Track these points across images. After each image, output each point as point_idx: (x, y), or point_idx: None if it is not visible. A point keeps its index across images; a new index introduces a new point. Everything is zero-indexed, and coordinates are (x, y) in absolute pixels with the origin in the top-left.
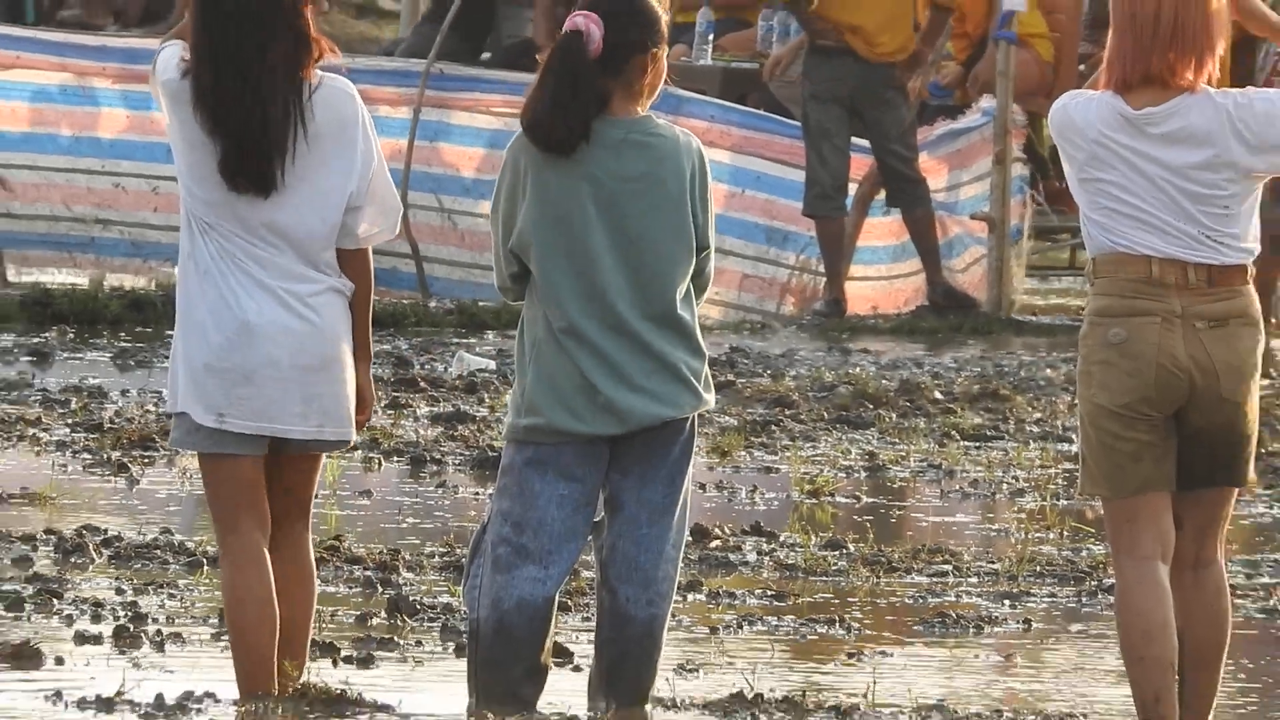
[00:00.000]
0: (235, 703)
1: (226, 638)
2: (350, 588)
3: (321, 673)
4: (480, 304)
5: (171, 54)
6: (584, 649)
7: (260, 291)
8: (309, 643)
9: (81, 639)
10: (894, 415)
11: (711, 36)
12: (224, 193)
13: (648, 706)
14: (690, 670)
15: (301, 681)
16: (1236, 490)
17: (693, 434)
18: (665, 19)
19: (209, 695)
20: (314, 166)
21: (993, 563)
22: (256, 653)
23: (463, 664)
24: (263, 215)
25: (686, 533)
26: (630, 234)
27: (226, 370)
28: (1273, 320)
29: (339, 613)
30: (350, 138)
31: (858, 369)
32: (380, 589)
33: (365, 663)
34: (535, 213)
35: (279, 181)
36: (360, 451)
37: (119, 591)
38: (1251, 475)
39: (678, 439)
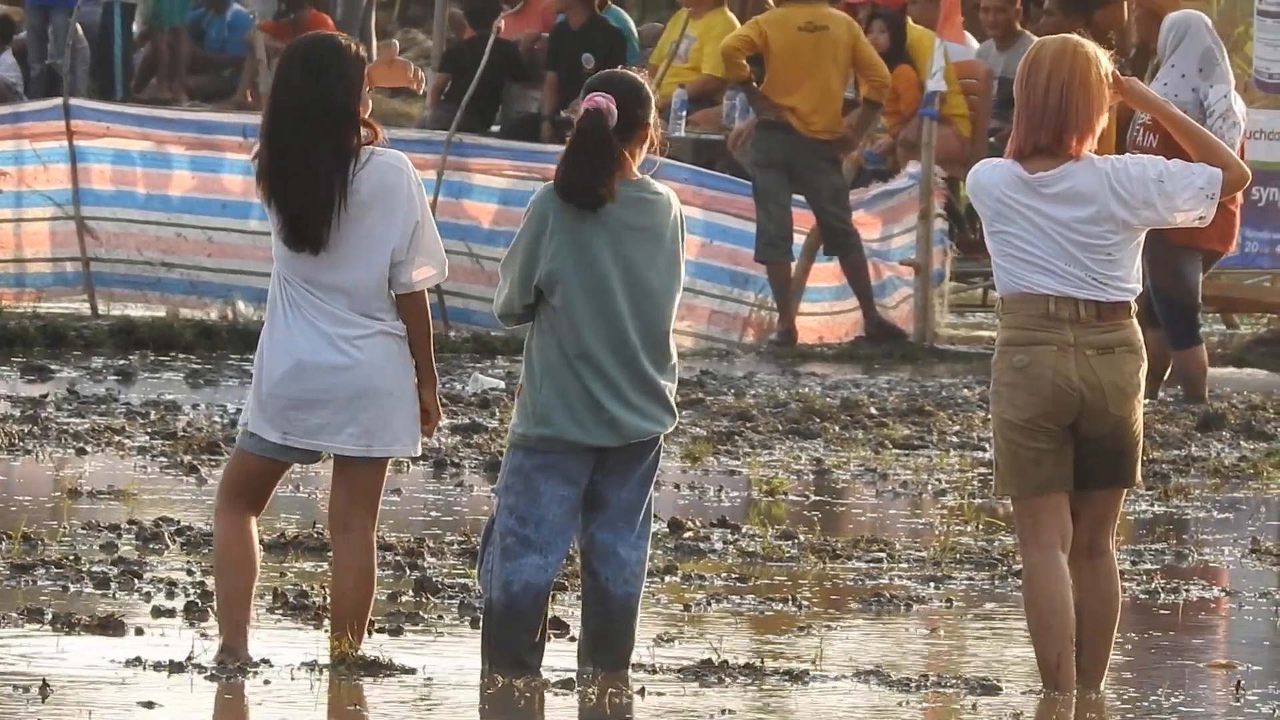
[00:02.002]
0: (285, 665)
1: (279, 611)
2: (383, 570)
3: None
4: (492, 333)
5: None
6: (578, 622)
7: (316, 335)
8: (366, 620)
9: (157, 612)
10: (837, 427)
11: (685, 113)
12: (289, 252)
13: (629, 670)
14: (667, 641)
15: (339, 649)
16: (1125, 490)
17: (661, 445)
18: (655, 98)
19: (264, 661)
20: (362, 230)
21: (920, 551)
22: (229, 583)
23: (477, 634)
24: (320, 272)
25: (653, 524)
26: (636, 275)
27: (283, 397)
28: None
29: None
30: (394, 203)
31: (806, 389)
32: (408, 571)
33: (395, 633)
34: (565, 256)
35: (325, 242)
36: None
37: (189, 573)
38: (1138, 478)
39: (652, 449)
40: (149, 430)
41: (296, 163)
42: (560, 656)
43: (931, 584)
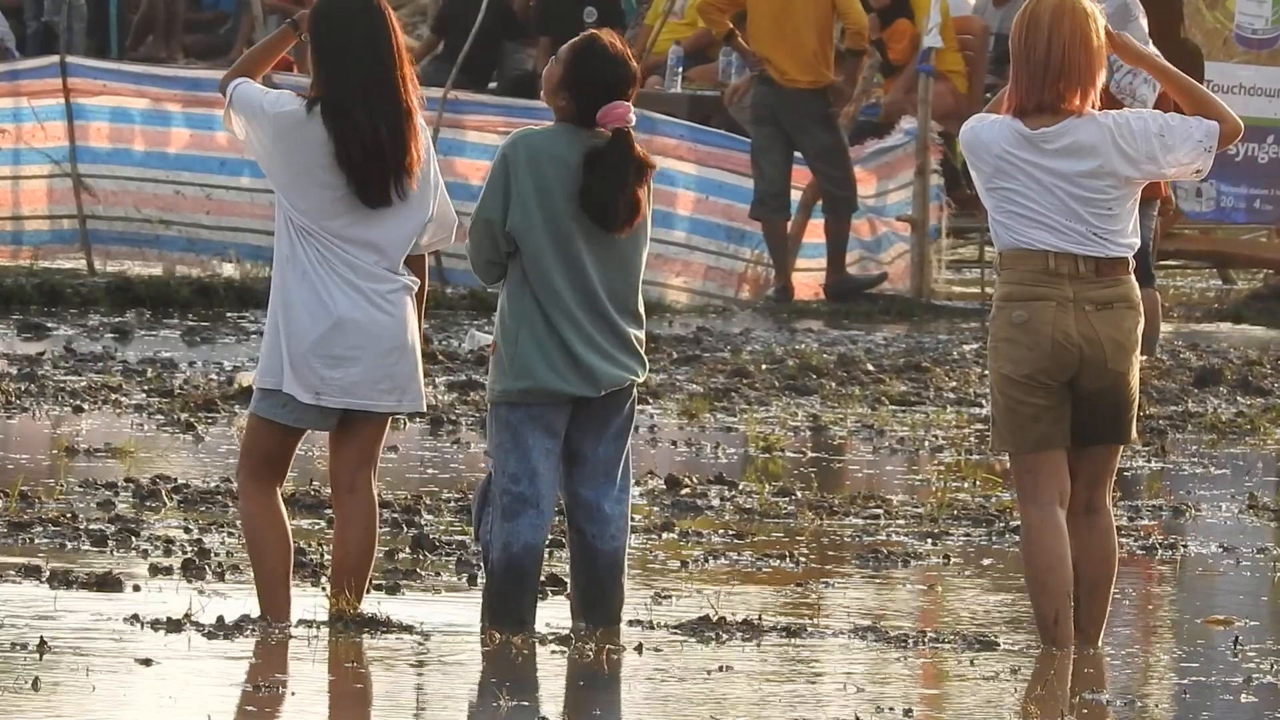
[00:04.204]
0: (283, 623)
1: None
2: (380, 527)
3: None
4: (488, 290)
5: (281, 94)
6: None
7: (352, 291)
8: (369, 574)
9: (155, 570)
10: (833, 384)
11: (680, 69)
12: (328, 208)
13: (625, 625)
14: (664, 598)
15: (338, 606)
16: (1121, 447)
17: (635, 397)
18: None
19: (262, 618)
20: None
21: (917, 507)
22: (269, 568)
23: (475, 591)
24: (359, 229)
25: (644, 480)
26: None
27: (322, 357)
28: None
29: None
30: (428, 165)
31: (803, 345)
32: (405, 529)
33: (393, 590)
34: (530, 205)
35: (391, 199)
36: None
37: (187, 530)
38: (1134, 435)
39: (627, 401)
40: (146, 388)
41: (370, 116)
42: (558, 612)
43: (929, 540)
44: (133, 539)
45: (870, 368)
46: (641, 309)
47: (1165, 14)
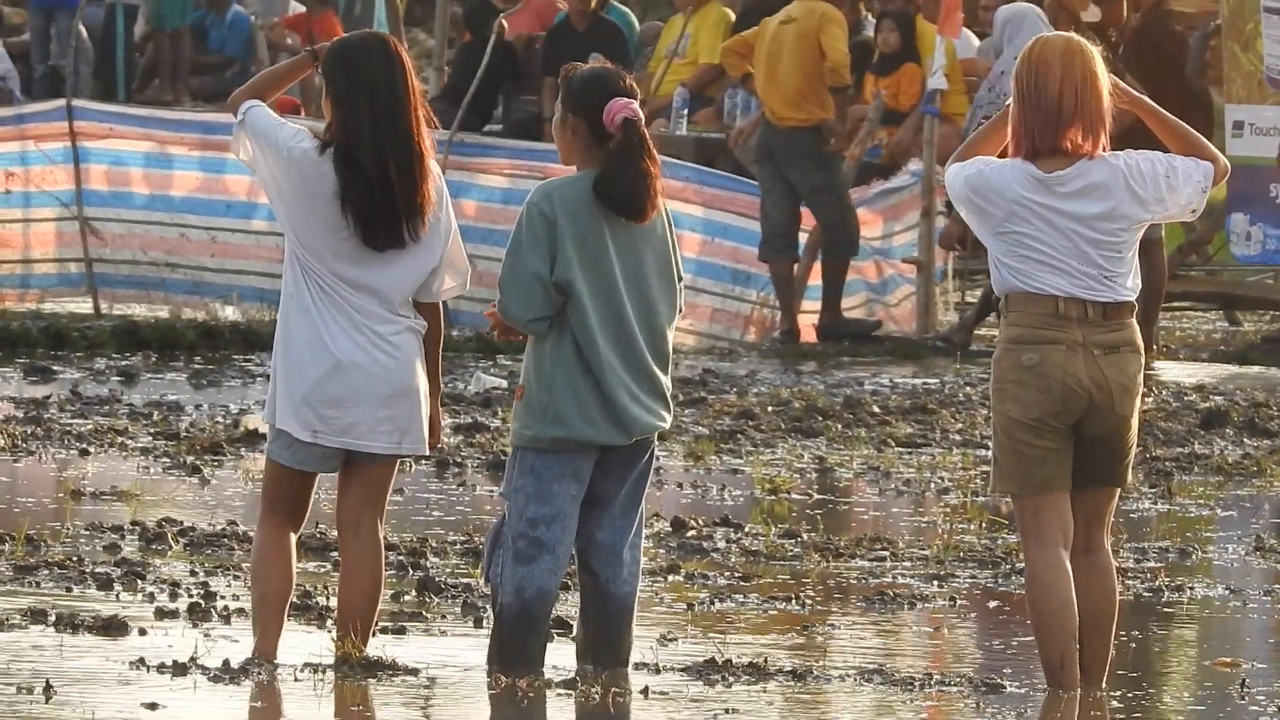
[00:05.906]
0: (289, 666)
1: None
2: (386, 570)
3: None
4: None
5: (299, 130)
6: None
7: (354, 331)
8: (375, 617)
9: (161, 613)
10: (839, 426)
11: (686, 112)
12: (334, 247)
13: (631, 669)
14: (670, 640)
15: (343, 649)
16: (1118, 490)
17: (655, 442)
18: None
19: (268, 661)
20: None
21: (923, 549)
22: (270, 591)
23: (480, 634)
24: (364, 272)
25: (654, 523)
26: (639, 273)
27: (321, 397)
28: (1153, 348)
29: None
30: (441, 206)
31: (809, 387)
32: (410, 571)
33: (398, 633)
34: (574, 258)
35: (405, 241)
36: None
37: (193, 573)
38: (1129, 479)
39: (650, 446)
40: (152, 431)
41: (376, 164)
42: (564, 655)
43: (935, 582)
44: (139, 582)
45: (876, 409)
46: (670, 352)
47: (1169, 57)
